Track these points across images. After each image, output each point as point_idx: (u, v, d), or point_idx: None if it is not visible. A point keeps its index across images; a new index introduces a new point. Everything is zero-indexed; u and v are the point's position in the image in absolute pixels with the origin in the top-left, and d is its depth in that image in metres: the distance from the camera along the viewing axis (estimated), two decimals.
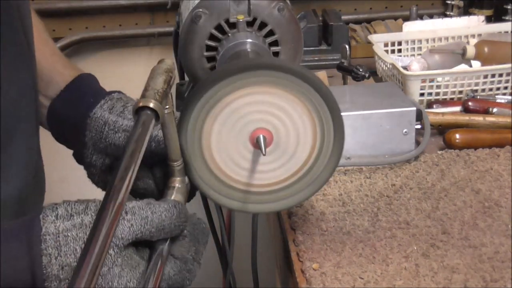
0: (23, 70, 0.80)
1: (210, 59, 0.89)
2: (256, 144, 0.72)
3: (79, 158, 0.87)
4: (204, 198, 1.30)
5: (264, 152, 0.71)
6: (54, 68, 0.92)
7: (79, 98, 0.88)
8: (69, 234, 0.63)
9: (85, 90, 0.89)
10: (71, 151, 0.90)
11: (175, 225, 0.67)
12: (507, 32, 1.57)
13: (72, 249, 0.63)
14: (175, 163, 0.73)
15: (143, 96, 0.64)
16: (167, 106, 0.67)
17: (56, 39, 1.92)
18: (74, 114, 0.85)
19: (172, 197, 0.72)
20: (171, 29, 1.73)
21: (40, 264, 0.62)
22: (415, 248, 0.88)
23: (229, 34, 0.87)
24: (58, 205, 0.64)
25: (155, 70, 0.70)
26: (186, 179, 0.74)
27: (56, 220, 0.63)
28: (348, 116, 1.12)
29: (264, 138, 0.72)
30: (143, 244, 0.67)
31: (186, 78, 1.00)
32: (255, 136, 0.72)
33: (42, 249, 0.62)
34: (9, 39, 0.76)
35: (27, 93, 0.81)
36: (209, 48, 0.89)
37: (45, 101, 0.90)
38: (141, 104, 0.63)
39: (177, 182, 0.73)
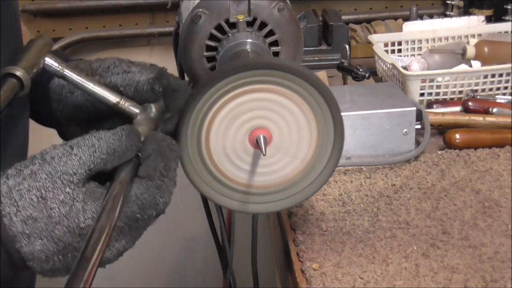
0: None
1: (210, 59, 0.89)
2: (256, 144, 0.72)
3: (63, 137, 0.86)
4: (205, 199, 1.31)
5: (264, 152, 0.71)
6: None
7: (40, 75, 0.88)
8: (21, 187, 0.62)
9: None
10: None
11: (126, 146, 0.64)
12: (507, 32, 1.57)
13: (28, 201, 0.62)
14: (119, 105, 0.70)
15: (13, 64, 0.67)
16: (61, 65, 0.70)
17: (56, 39, 1.92)
18: (38, 90, 0.84)
19: None
20: (171, 29, 1.73)
21: (4, 228, 0.61)
22: (415, 248, 0.88)
23: (229, 34, 0.87)
24: (9, 168, 0.64)
25: (32, 43, 0.71)
26: (152, 107, 0.71)
27: (7, 180, 0.62)
28: (348, 116, 1.12)
29: (264, 138, 0.72)
30: (108, 177, 0.65)
31: (186, 78, 1.00)
32: (255, 136, 0.72)
33: (1, 212, 0.61)
34: (7, 37, 0.77)
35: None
36: (209, 48, 0.89)
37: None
38: (7, 72, 0.66)
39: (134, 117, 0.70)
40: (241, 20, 0.86)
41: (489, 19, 1.69)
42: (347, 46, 1.45)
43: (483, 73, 1.36)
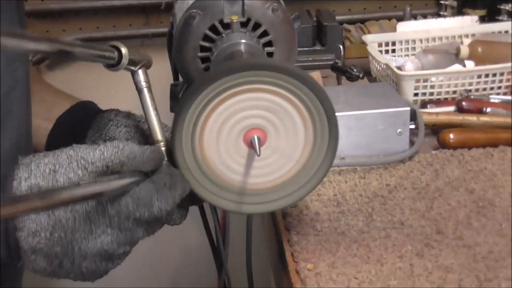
0: (17, 60, 0.83)
1: (204, 60, 0.89)
2: (250, 144, 0.72)
3: None
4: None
5: (258, 153, 0.71)
6: (57, 96, 1.01)
7: (87, 108, 0.95)
8: (41, 161, 0.65)
9: (92, 106, 0.97)
10: None
11: (147, 157, 0.67)
12: (500, 32, 1.57)
13: (41, 171, 0.64)
14: (159, 142, 0.74)
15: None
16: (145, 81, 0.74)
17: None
18: (81, 120, 0.89)
19: None
20: (165, 30, 1.72)
21: (10, 189, 0.63)
22: (410, 248, 0.88)
23: (223, 35, 0.87)
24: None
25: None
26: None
27: (32, 156, 0.66)
28: (342, 116, 1.12)
29: (259, 138, 0.72)
30: None
31: (180, 79, 0.99)
32: (249, 136, 0.72)
33: (14, 175, 0.64)
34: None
35: (19, 84, 0.83)
36: (203, 48, 0.89)
37: (47, 124, 0.95)
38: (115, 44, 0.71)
39: None
40: (235, 20, 0.86)
41: (482, 19, 1.70)
42: (341, 47, 1.45)
43: (476, 73, 1.36)
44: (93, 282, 0.73)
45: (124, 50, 0.72)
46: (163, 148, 0.74)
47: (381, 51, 1.56)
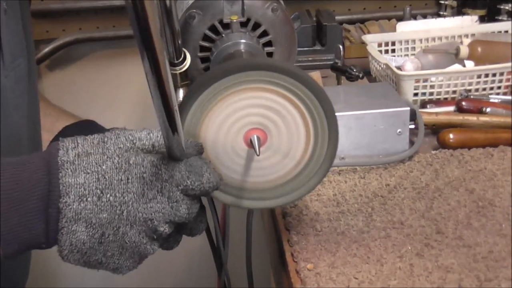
0: (19, 56, 0.84)
1: (204, 59, 0.89)
2: (250, 144, 0.72)
3: None
4: None
5: (258, 153, 0.71)
6: (63, 113, 1.02)
7: (92, 124, 0.97)
8: (87, 137, 0.66)
9: (96, 124, 0.99)
10: None
11: (190, 142, 0.69)
12: (500, 32, 1.57)
13: (89, 143, 0.65)
14: None
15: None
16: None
17: (49, 40, 1.91)
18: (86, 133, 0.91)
19: None
20: None
21: (55, 156, 0.64)
22: (410, 248, 0.88)
23: (223, 35, 0.87)
24: None
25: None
26: None
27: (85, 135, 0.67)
28: (342, 116, 1.12)
29: (258, 138, 0.72)
30: None
31: None
32: (249, 136, 0.72)
33: (58, 146, 0.65)
34: (11, 28, 0.79)
35: (22, 79, 0.85)
36: (203, 48, 0.89)
37: (50, 135, 0.96)
38: None
39: None
40: (234, 20, 0.86)
41: (482, 19, 1.70)
42: (341, 47, 1.45)
43: (476, 73, 1.36)
44: (97, 282, 0.73)
45: (189, 60, 0.78)
46: None
47: (381, 51, 1.56)
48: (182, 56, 0.82)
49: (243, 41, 0.85)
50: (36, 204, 0.63)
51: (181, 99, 0.79)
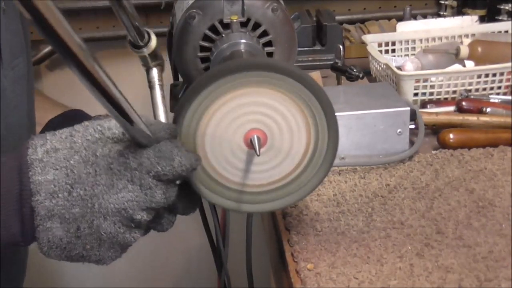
0: (19, 55, 0.85)
1: (204, 59, 0.89)
2: (250, 144, 0.72)
3: None
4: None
5: (258, 153, 0.71)
6: (55, 105, 1.04)
7: (78, 114, 0.98)
8: (56, 132, 0.66)
9: (83, 112, 1.01)
10: None
11: (163, 126, 0.68)
12: (500, 32, 1.57)
13: (58, 138, 0.65)
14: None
15: None
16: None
17: None
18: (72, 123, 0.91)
19: None
20: (165, 29, 1.72)
21: (25, 155, 0.64)
22: (410, 248, 0.88)
23: (223, 35, 0.87)
24: None
25: None
26: None
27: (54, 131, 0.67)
28: (342, 116, 1.12)
29: (258, 138, 0.72)
30: None
31: (180, 79, 0.99)
32: (249, 136, 0.72)
33: (28, 145, 0.65)
34: (11, 28, 0.79)
35: (22, 79, 0.84)
36: (203, 48, 0.89)
37: (39, 128, 0.97)
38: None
39: None
40: (234, 20, 0.86)
41: (482, 19, 1.70)
42: (341, 47, 1.45)
43: (476, 73, 1.36)
44: (97, 282, 0.73)
45: (154, 38, 0.77)
46: None
47: (381, 51, 1.56)
48: (147, 36, 0.83)
49: (243, 41, 0.85)
50: (11, 204, 0.63)
51: (155, 79, 0.78)
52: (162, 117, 0.75)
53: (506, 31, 1.57)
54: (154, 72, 0.83)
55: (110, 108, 0.58)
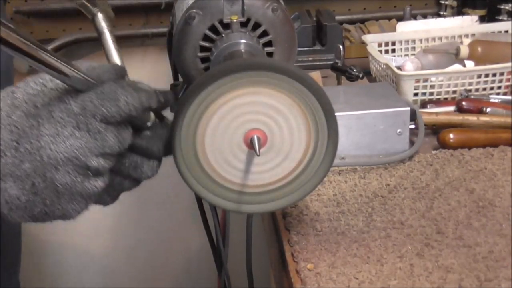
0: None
1: (204, 59, 0.89)
2: (250, 144, 0.72)
3: None
4: (199, 199, 1.31)
5: (258, 153, 0.71)
6: None
7: None
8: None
9: None
10: None
11: (107, 67, 0.67)
12: (500, 32, 1.57)
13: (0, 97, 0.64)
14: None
15: None
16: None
17: (49, 40, 1.91)
18: None
19: None
20: (165, 29, 1.73)
21: None
22: (410, 248, 0.88)
23: (223, 35, 0.87)
24: None
25: None
26: None
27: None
28: (342, 116, 1.12)
29: (258, 138, 0.72)
30: None
31: (180, 79, 0.99)
32: (249, 136, 0.72)
33: None
34: None
35: (3, 71, 0.83)
36: (203, 48, 0.89)
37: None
38: None
39: None
40: (234, 20, 0.86)
41: (482, 19, 1.70)
42: (341, 47, 1.45)
43: (476, 73, 1.36)
44: (97, 282, 0.72)
45: None
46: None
47: (381, 51, 1.56)
48: None
49: (243, 41, 0.85)
50: None
51: (102, 25, 0.77)
52: (116, 61, 0.73)
53: (506, 31, 1.57)
54: (99, 17, 0.80)
55: (38, 65, 0.58)
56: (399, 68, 1.43)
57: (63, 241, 2.19)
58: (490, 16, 1.72)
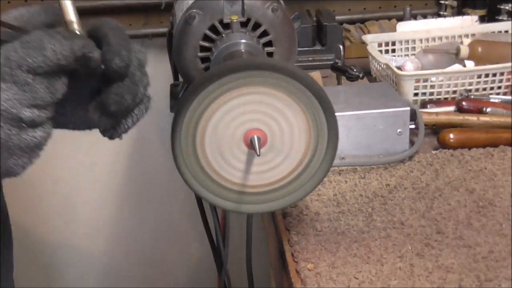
0: None
1: (204, 59, 0.89)
2: (250, 144, 0.72)
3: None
4: (199, 199, 1.31)
5: (258, 153, 0.71)
6: None
7: None
8: None
9: None
10: (64, 152, 0.90)
11: (35, 10, 0.66)
12: (500, 32, 1.57)
13: None
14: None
15: None
16: None
17: None
18: None
19: None
20: (165, 30, 1.73)
21: None
22: (410, 248, 0.88)
23: (223, 35, 0.87)
24: None
25: None
26: None
27: None
28: (342, 116, 1.12)
29: (258, 138, 0.72)
30: None
31: (180, 79, 0.99)
32: (249, 136, 0.72)
33: None
34: None
35: None
36: (203, 48, 0.89)
37: None
38: None
39: None
40: (235, 20, 0.86)
41: (482, 19, 1.70)
42: (341, 46, 1.45)
43: (476, 73, 1.36)
44: (97, 282, 0.71)
45: None
46: (76, 27, 0.69)
47: (381, 51, 1.56)
48: None
49: (243, 41, 0.85)
50: None
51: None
52: (71, 15, 0.71)
53: (506, 31, 1.57)
54: None
55: None
56: (399, 68, 1.43)
57: (63, 241, 2.19)
58: (490, 16, 1.72)
